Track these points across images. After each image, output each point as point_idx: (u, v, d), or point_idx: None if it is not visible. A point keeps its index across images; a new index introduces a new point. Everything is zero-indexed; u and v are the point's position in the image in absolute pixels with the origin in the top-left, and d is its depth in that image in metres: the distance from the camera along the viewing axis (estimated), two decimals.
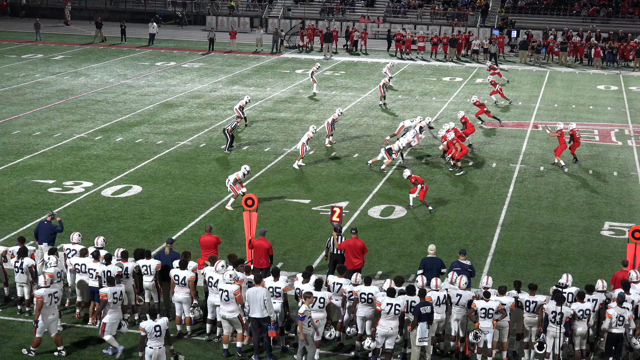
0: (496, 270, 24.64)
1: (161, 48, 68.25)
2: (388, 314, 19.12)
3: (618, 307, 18.95)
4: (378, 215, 29.50)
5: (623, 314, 18.88)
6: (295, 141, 38.44)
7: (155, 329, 18.19)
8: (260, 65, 61.12)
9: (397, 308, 19.09)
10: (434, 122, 41.97)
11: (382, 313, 19.15)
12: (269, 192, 31.56)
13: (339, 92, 51.43)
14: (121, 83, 52.49)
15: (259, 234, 22.48)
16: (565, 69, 62.94)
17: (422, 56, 67.52)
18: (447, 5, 79.63)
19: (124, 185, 32.01)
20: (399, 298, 19.23)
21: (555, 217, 29.76)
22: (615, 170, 35.37)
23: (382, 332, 19.22)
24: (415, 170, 33.61)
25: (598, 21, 75.03)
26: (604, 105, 49.34)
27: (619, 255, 25.20)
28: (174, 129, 40.74)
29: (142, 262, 21.13)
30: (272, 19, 79.16)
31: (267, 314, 19.35)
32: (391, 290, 19.35)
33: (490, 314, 19.27)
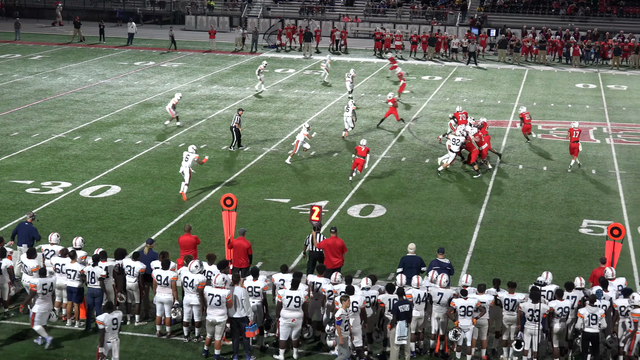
0: (475, 269, 24.69)
1: (140, 48, 68.04)
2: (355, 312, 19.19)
3: (589, 307, 19.02)
4: (357, 214, 29.51)
5: (595, 313, 18.95)
6: (274, 140, 38.40)
7: (113, 322, 18.29)
8: (239, 65, 61.05)
9: (354, 305, 19.14)
10: (414, 120, 42.10)
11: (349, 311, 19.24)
12: (248, 191, 31.51)
13: (319, 91, 51.41)
14: (100, 83, 52.30)
15: (239, 234, 22.44)
16: (544, 68, 63.16)
17: (401, 55, 67.59)
18: (426, 4, 79.75)
19: (103, 186, 31.90)
20: (356, 296, 19.25)
21: (534, 215, 29.86)
22: (593, 168, 35.52)
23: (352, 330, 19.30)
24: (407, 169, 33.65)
25: (576, 20, 75.31)
26: (582, 103, 49.55)
27: (597, 253, 25.29)
28: (153, 129, 40.62)
29: (126, 263, 21.07)
30: (251, 18, 79.05)
31: (245, 314, 19.34)
32: (349, 288, 19.39)
33: (470, 312, 19.32)
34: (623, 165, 36.09)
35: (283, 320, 19.53)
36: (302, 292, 19.60)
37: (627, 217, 29.68)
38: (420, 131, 41.51)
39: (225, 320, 19.55)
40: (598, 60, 65.77)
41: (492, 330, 20.26)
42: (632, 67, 63.73)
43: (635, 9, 77.06)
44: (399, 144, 38.80)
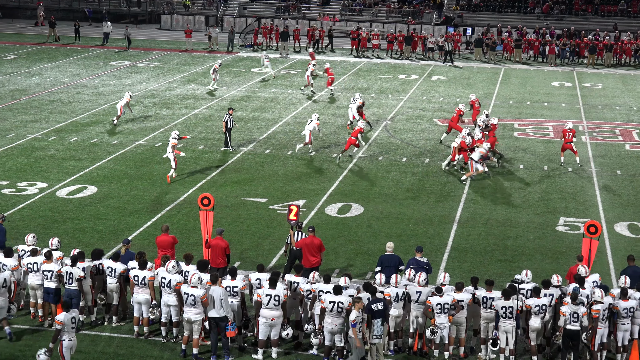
0: (453, 267, 24.75)
1: (115, 47, 67.76)
2: (332, 311, 19.18)
3: (572, 304, 19.09)
4: (335, 213, 29.51)
5: (577, 311, 19.02)
6: (251, 139, 38.37)
7: (72, 320, 18.21)
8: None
9: (339, 305, 19.14)
10: (390, 119, 42.17)
11: (326, 310, 19.20)
12: (226, 191, 31.45)
13: (295, 90, 51.37)
14: (75, 83, 52.05)
15: (216, 233, 22.39)
16: (519, 66, 63.37)
17: (378, 54, 67.66)
18: (402, 3, 79.86)
19: (79, 186, 31.75)
20: (342, 296, 19.26)
21: (511, 213, 29.96)
22: (569, 166, 35.65)
23: (327, 329, 19.32)
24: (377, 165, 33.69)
25: (552, 18, 75.63)
26: (558, 101, 49.76)
27: (574, 251, 25.41)
28: (130, 129, 40.46)
29: (107, 264, 20.98)
30: (228, 18, 78.91)
31: (224, 314, 19.31)
32: (337, 287, 19.38)
33: (446, 309, 19.36)
34: (599, 163, 36.26)
35: (262, 319, 19.51)
36: (281, 291, 19.58)
37: (603, 215, 29.82)
38: (397, 130, 41.55)
39: (201, 319, 19.51)
40: (573, 59, 66.08)
41: (470, 328, 20.34)
42: (607, 66, 64.03)
43: (610, 7, 77.46)
44: (376, 142, 38.82)
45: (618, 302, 19.46)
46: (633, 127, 43.46)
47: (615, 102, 50.09)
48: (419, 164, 35.54)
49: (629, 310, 19.41)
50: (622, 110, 47.76)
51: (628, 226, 28.82)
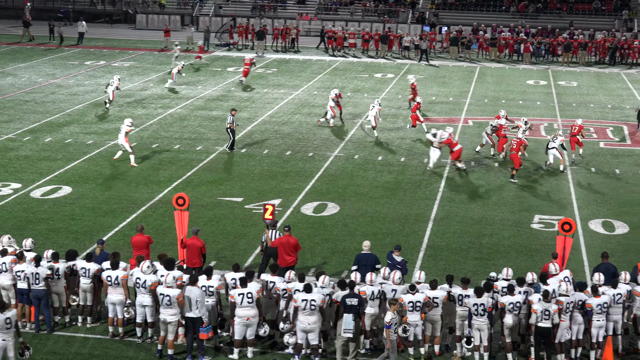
0: (429, 265, 24.79)
1: (90, 47, 67.46)
2: (304, 309, 19.19)
3: (543, 302, 19.17)
4: (311, 212, 29.50)
5: (548, 308, 19.11)
6: (227, 139, 38.27)
7: (6, 321, 18.04)
8: (191, 64, 60.71)
9: (312, 303, 19.16)
10: (366, 118, 42.24)
11: (299, 309, 19.21)
12: (201, 190, 31.38)
13: (271, 89, 51.34)
14: (50, 83, 51.80)
15: (192, 233, 22.34)
16: (495, 65, 63.59)
17: (354, 53, 67.72)
18: (378, 2, 79.92)
19: (54, 186, 31.59)
20: (314, 294, 19.29)
21: (486, 211, 30.04)
22: (544, 164, 35.77)
23: (300, 327, 19.33)
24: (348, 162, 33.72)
25: (527, 17, 75.93)
26: (533, 100, 49.96)
27: (548, 248, 25.51)
28: (104, 129, 40.30)
29: (80, 265, 20.87)
30: (203, 17, 78.73)
31: (199, 315, 19.28)
32: (308, 286, 19.40)
33: (418, 307, 19.39)
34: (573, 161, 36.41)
35: (238, 319, 19.49)
36: (254, 288, 19.56)
37: (577, 212, 29.96)
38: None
39: (177, 320, 19.46)
40: (548, 57, 66.37)
41: (446, 326, 20.37)
42: (581, 64, 64.34)
43: (584, 5, 77.84)
44: (352, 141, 38.86)
45: (590, 299, 19.56)
46: (607, 125, 43.69)
47: (590, 100, 50.35)
48: (395, 162, 35.60)
49: (602, 306, 19.51)
50: (596, 108, 48.00)
51: (602, 223, 28.96)
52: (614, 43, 65.63)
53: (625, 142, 40.32)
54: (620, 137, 41.36)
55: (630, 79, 58.46)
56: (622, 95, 52.32)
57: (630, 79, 58.21)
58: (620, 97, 51.69)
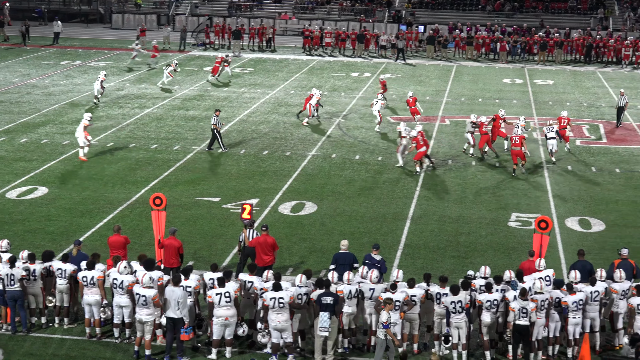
0: (406, 264, 24.82)
1: (66, 47, 67.14)
2: (273, 307, 19.20)
3: (520, 300, 19.24)
4: (288, 211, 29.48)
5: (526, 306, 19.18)
6: (203, 139, 38.20)
7: None
8: (168, 64, 60.45)
9: (280, 301, 19.16)
10: (343, 117, 42.27)
11: (269, 307, 19.22)
12: (178, 190, 31.29)
13: (248, 89, 51.27)
14: (25, 83, 51.50)
15: (169, 233, 22.29)
16: (471, 63, 63.76)
17: (330, 52, 67.73)
18: (354, 1, 79.93)
19: (30, 187, 31.41)
20: (283, 292, 19.28)
21: (464, 209, 30.12)
22: (521, 162, 35.88)
23: (272, 326, 19.34)
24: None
25: (503, 16, 76.17)
26: (509, 98, 50.12)
27: (526, 246, 25.59)
28: None
29: (57, 265, 20.76)
30: (180, 16, 78.53)
31: (180, 315, 19.24)
32: (276, 284, 19.39)
33: (397, 306, 19.41)
34: (550, 159, 36.53)
35: (216, 319, 19.46)
36: (231, 287, 19.53)
37: (554, 210, 30.09)
38: (350, 127, 41.62)
39: (152, 320, 19.41)
40: (524, 56, 66.61)
41: (424, 325, 20.40)
42: (557, 62, 64.64)
43: (560, 4, 78.19)
44: (329, 140, 38.86)
45: (566, 297, 19.65)
46: (583, 123, 43.89)
47: (566, 98, 50.57)
48: (372, 161, 35.63)
49: (577, 303, 19.60)
50: (572, 106, 48.16)
51: (579, 221, 29.09)
52: (589, 41, 65.93)
53: (601, 140, 40.52)
54: (596, 135, 41.55)
55: (605, 77, 58.76)
56: (598, 93, 52.58)
57: (605, 77, 58.51)
58: (595, 95, 51.95)
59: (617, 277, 20.52)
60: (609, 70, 62.27)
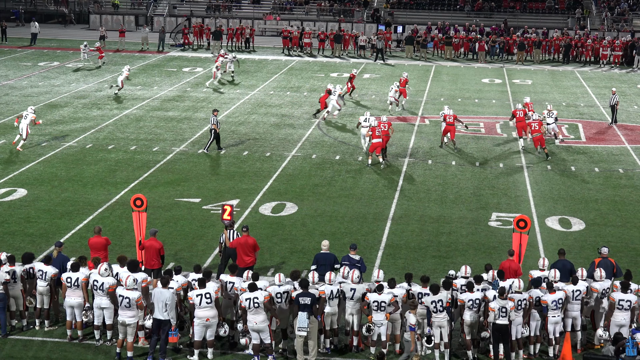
0: (387, 264, 24.84)
1: (44, 48, 66.85)
2: (249, 308, 19.18)
3: (499, 299, 19.30)
4: (269, 212, 29.44)
5: (505, 305, 19.24)
6: (183, 139, 38.12)
7: None
8: (146, 64, 60.41)
9: (255, 301, 19.16)
10: (322, 119, 42.34)
11: (245, 308, 19.24)
12: (158, 191, 31.19)
13: (228, 89, 51.18)
14: (2, 84, 51.22)
15: (150, 235, 22.22)
16: (450, 63, 63.90)
17: (310, 52, 67.73)
18: (333, 2, 80.00)
19: (9, 189, 31.23)
20: (258, 292, 19.26)
21: (444, 209, 30.17)
22: (501, 162, 36.04)
23: (250, 327, 19.35)
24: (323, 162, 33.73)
25: (481, 16, 76.43)
26: (488, 98, 50.27)
27: (506, 245, 25.62)
28: (59, 130, 39.93)
29: (38, 267, 20.64)
30: (158, 17, 78.35)
31: (167, 317, 19.19)
32: (252, 285, 19.38)
33: (383, 307, 19.43)
34: (529, 159, 36.68)
35: (197, 320, 19.41)
36: (212, 288, 19.48)
37: (534, 210, 30.18)
38: (330, 128, 41.62)
39: (136, 322, 19.36)
40: (503, 56, 66.86)
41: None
42: (536, 62, 64.90)
43: (537, 4, 78.52)
44: (309, 141, 38.85)
45: (545, 296, 19.73)
46: (562, 123, 44.04)
47: (545, 97, 50.75)
48: (352, 161, 35.64)
49: (557, 302, 19.67)
50: (551, 106, 48.36)
51: (559, 220, 29.20)
52: (567, 41, 66.22)
53: (580, 140, 40.68)
54: (575, 134, 41.72)
55: (584, 76, 59.04)
56: (577, 93, 52.83)
57: (584, 77, 58.79)
58: (574, 94, 52.19)
59: (598, 276, 20.62)
60: (587, 69, 62.59)
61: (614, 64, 64.96)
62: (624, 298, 19.79)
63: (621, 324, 19.80)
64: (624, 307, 19.76)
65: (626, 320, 19.82)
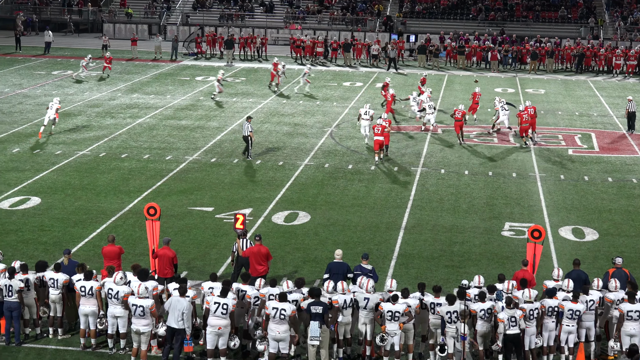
0: (400, 273, 24.80)
1: (57, 57, 67.09)
2: (274, 317, 19.16)
3: (507, 309, 19.26)
4: (282, 221, 29.45)
5: (514, 315, 19.20)
6: (196, 148, 38.20)
7: None
8: (159, 73, 60.57)
9: (282, 313, 19.11)
10: (336, 126, 42.25)
11: (270, 316, 19.19)
12: (171, 200, 31.24)
13: (240, 98, 51.27)
14: (17, 93, 51.41)
15: (163, 243, 22.26)
16: (463, 73, 63.85)
17: (322, 61, 67.79)
18: (345, 11, 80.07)
19: (22, 197, 31.33)
20: (287, 304, 19.25)
21: (457, 218, 30.12)
22: (514, 172, 35.99)
23: (271, 336, 19.28)
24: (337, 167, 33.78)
25: (493, 25, 76.38)
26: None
27: (519, 255, 25.61)
28: (73, 139, 40.05)
29: (49, 275, 20.68)
30: (171, 26, 78.55)
31: (182, 326, 19.21)
32: (282, 294, 19.37)
33: (397, 317, 19.40)
34: (542, 168, 36.64)
35: (210, 328, 19.39)
36: (230, 301, 19.46)
37: (547, 219, 30.11)
38: (343, 137, 41.64)
39: (149, 330, 19.38)
40: (516, 65, 66.80)
41: (419, 334, 20.39)
42: (549, 71, 64.81)
43: (550, 14, 78.46)
44: (322, 150, 38.86)
45: (565, 302, 19.69)
46: (575, 132, 43.99)
47: (558, 107, 50.69)
48: (365, 170, 35.64)
49: (574, 312, 19.61)
50: (564, 115, 48.33)
51: (572, 230, 29.13)
52: (580, 50, 66.14)
53: (593, 150, 40.58)
54: (588, 144, 41.63)
55: (597, 86, 58.93)
56: (590, 102, 52.72)
57: (597, 86, 58.68)
58: (587, 104, 52.09)
59: (612, 286, 20.55)
60: (600, 79, 62.47)
61: (627, 73, 64.83)
62: (632, 309, 19.70)
63: (631, 333, 19.71)
64: (633, 317, 19.69)
65: (636, 330, 19.71)
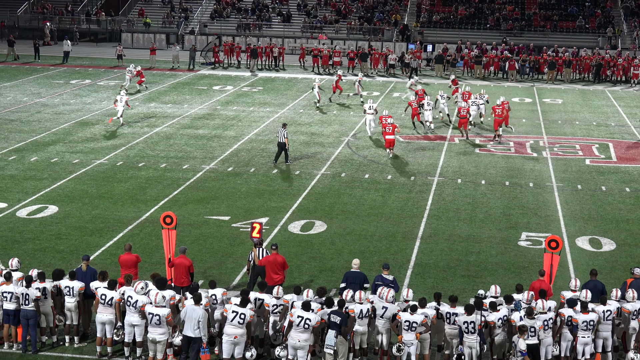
0: (416, 283, 24.76)
1: (76, 66, 67.42)
2: (298, 326, 19.13)
3: (527, 319, 19.18)
4: (298, 230, 29.45)
5: (533, 325, 19.13)
6: (213, 157, 38.27)
7: None
8: (177, 82, 60.76)
9: (307, 322, 19.09)
10: (352, 136, 42.24)
11: (293, 324, 19.16)
12: (188, 209, 31.29)
13: (257, 108, 51.36)
14: (35, 102, 51.67)
15: (179, 252, 22.28)
16: (480, 82, 63.76)
17: (341, 71, 67.80)
18: (362, 20, 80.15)
19: (40, 206, 31.45)
20: (311, 313, 19.22)
21: (474, 228, 30.05)
22: (531, 182, 35.89)
23: (291, 344, 19.24)
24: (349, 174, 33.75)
25: (511, 35, 76.28)
26: (518, 117, 50.03)
27: (536, 265, 25.53)
28: (90, 148, 40.20)
29: (65, 283, 20.73)
30: (189, 36, 78.81)
31: (199, 335, 19.22)
32: (306, 304, 19.34)
33: (414, 327, 19.34)
34: (560, 178, 36.53)
35: (225, 337, 19.38)
36: (248, 311, 19.44)
37: (564, 229, 30.00)
38: (360, 147, 41.63)
39: (165, 339, 19.40)
40: (533, 75, 66.69)
41: (434, 344, 20.33)
42: (566, 81, 64.66)
43: (568, 23, 78.31)
44: (338, 159, 38.87)
45: (577, 314, 19.59)
46: (593, 142, 43.85)
47: (575, 117, 50.56)
48: (382, 180, 35.62)
49: (588, 323, 19.52)
50: (581, 125, 48.20)
51: (589, 240, 29.01)
52: (598, 60, 65.97)
53: (611, 160, 40.44)
54: (605, 154, 41.49)
55: (614, 96, 58.75)
56: (607, 112, 52.57)
57: (614, 96, 58.50)
58: (605, 114, 51.93)
59: (630, 297, 20.43)
60: (618, 89, 62.28)
61: None
62: None
63: None
64: None
65: None
